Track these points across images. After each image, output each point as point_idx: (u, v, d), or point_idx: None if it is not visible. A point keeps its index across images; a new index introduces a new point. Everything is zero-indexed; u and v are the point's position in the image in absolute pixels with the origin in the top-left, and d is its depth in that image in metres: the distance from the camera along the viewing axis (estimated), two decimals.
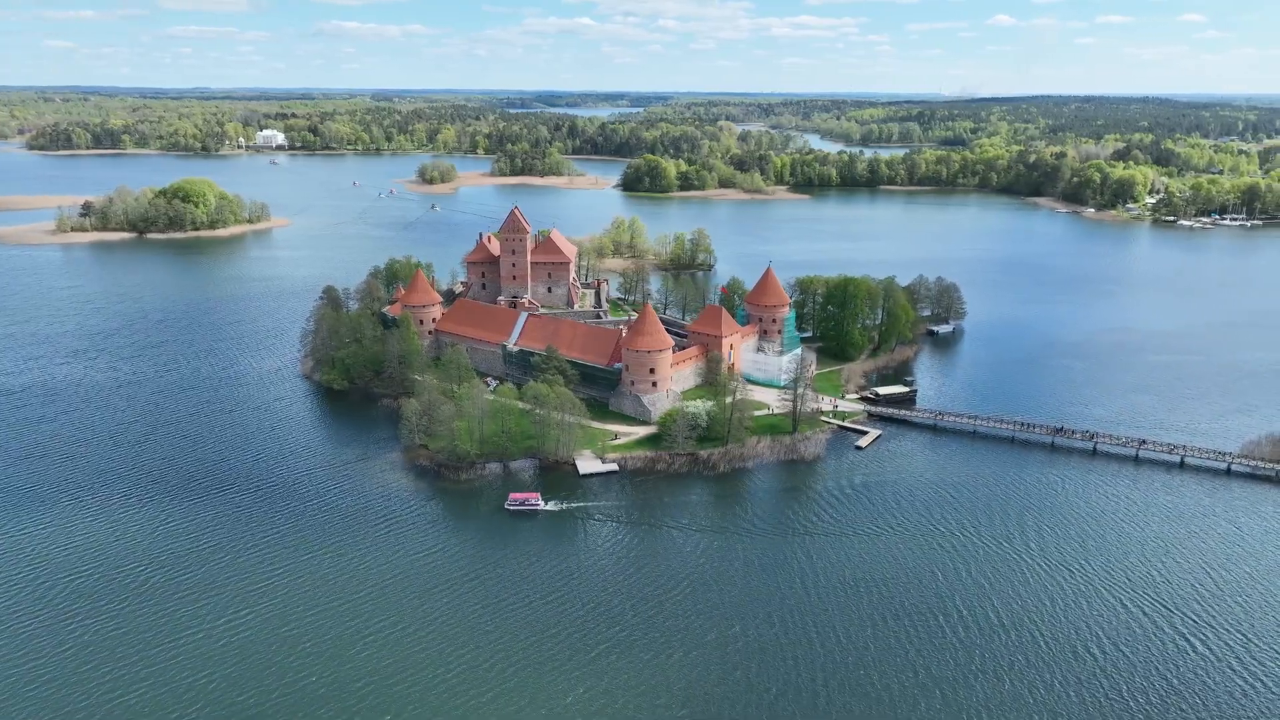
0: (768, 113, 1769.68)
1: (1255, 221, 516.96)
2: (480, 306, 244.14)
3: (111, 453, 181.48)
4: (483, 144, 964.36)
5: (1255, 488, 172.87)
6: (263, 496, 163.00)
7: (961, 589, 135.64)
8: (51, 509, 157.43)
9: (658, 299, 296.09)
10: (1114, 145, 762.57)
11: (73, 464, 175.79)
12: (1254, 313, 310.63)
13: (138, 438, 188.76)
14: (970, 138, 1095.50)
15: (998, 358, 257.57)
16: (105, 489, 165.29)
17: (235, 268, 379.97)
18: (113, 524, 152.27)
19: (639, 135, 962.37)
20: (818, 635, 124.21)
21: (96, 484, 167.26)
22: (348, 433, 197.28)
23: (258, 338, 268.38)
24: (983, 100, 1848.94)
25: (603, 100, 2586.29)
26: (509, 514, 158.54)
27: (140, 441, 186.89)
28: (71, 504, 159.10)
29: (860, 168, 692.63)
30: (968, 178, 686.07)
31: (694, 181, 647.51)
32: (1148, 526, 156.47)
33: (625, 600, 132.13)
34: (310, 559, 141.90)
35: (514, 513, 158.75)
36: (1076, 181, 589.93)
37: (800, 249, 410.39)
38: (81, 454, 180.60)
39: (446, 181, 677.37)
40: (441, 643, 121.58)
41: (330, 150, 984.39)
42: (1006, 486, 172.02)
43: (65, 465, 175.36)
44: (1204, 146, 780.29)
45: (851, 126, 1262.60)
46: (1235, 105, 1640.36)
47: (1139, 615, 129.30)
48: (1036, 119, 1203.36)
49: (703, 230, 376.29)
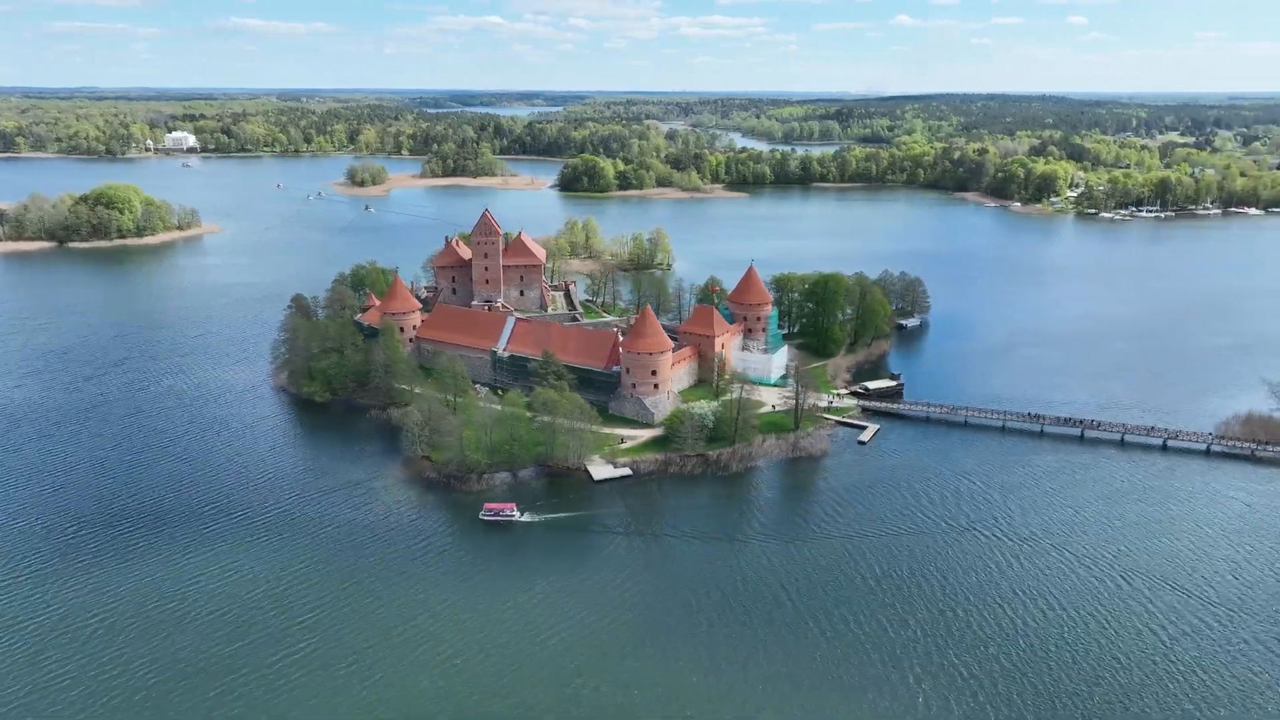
0: (687, 111, 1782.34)
1: (1169, 213, 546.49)
2: (463, 311, 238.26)
3: (99, 483, 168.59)
4: (407, 145, 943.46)
5: (1237, 467, 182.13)
6: (277, 526, 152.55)
7: (1007, 581, 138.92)
8: (52, 553, 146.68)
9: (630, 300, 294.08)
10: (1029, 142, 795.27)
11: (63, 496, 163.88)
12: (1192, 299, 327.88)
13: (124, 466, 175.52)
14: (888, 135, 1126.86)
15: (967, 349, 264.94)
16: (101, 528, 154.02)
17: (177, 277, 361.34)
18: (113, 570, 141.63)
19: (567, 135, 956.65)
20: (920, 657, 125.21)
21: (92, 521, 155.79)
22: (341, 448, 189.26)
23: (223, 350, 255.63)
24: (893, 98, 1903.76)
25: (518, 100, 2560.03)
26: (484, 524, 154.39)
27: (128, 470, 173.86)
28: (68, 548, 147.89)
29: (793, 165, 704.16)
30: (896, 174, 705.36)
31: (632, 181, 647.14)
32: (1171, 508, 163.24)
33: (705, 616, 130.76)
34: (352, 599, 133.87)
35: (489, 523, 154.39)
36: (1001, 177, 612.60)
37: (754, 247, 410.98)
38: (70, 484, 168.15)
39: (378, 184, 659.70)
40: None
41: (246, 152, 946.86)
42: (1010, 475, 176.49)
43: (57, 499, 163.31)
44: (1110, 142, 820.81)
45: (773, 125, 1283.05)
46: (1123, 103, 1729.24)
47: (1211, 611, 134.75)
48: (949, 116, 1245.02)
49: (661, 229, 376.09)
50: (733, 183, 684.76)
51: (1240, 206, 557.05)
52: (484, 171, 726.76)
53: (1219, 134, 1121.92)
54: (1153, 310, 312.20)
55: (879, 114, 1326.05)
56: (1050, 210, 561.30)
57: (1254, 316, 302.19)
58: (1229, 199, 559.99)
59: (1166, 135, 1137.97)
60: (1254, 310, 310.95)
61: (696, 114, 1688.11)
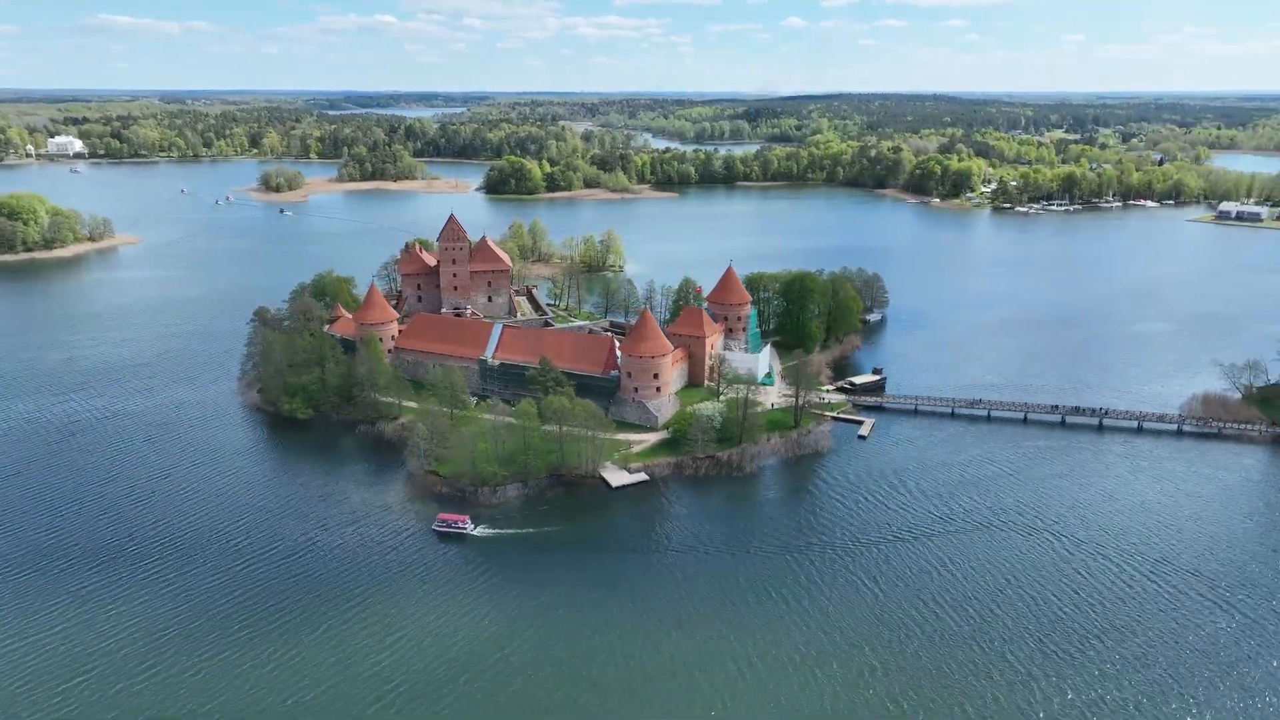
0: (593, 112, 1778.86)
1: (1076, 206, 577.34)
2: (444, 320, 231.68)
3: (85, 520, 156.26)
4: (316, 148, 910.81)
5: (1211, 445, 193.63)
6: (298, 557, 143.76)
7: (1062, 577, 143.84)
8: (42, 590, 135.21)
9: (597, 303, 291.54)
10: (937, 140, 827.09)
11: (52, 536, 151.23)
12: (1122, 287, 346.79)
13: (110, 500, 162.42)
14: (797, 134, 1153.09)
15: (930, 341, 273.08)
16: (100, 565, 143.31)
17: (106, 293, 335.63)
18: (118, 611, 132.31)
19: (483, 136, 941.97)
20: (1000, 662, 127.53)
21: (94, 556, 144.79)
22: (337, 468, 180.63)
23: (182, 369, 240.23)
24: (791, 98, 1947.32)
25: (417, 101, 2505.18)
26: (436, 535, 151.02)
27: (115, 505, 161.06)
28: (67, 580, 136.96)
29: (717, 165, 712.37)
30: (816, 173, 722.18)
31: (560, 182, 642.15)
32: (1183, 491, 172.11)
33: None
34: (409, 629, 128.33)
35: (442, 534, 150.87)
36: (919, 174, 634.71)
37: (701, 247, 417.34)
38: (59, 524, 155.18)
39: (294, 189, 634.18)
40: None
41: (140, 158, 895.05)
42: (1009, 464, 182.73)
43: (45, 538, 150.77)
44: (1011, 140, 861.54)
45: (685, 125, 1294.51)
46: (1005, 102, 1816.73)
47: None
48: (853, 115, 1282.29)
49: (612, 231, 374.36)
50: (658, 183, 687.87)
51: (1138, 199, 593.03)
52: (404, 175, 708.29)
53: (1100, 131, 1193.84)
54: (1091, 299, 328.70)
55: (786, 113, 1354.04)
56: (968, 205, 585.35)
57: (1181, 301, 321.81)
58: (1127, 192, 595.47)
59: (1053, 132, 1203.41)
60: (1179, 296, 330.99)
61: (603, 114, 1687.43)
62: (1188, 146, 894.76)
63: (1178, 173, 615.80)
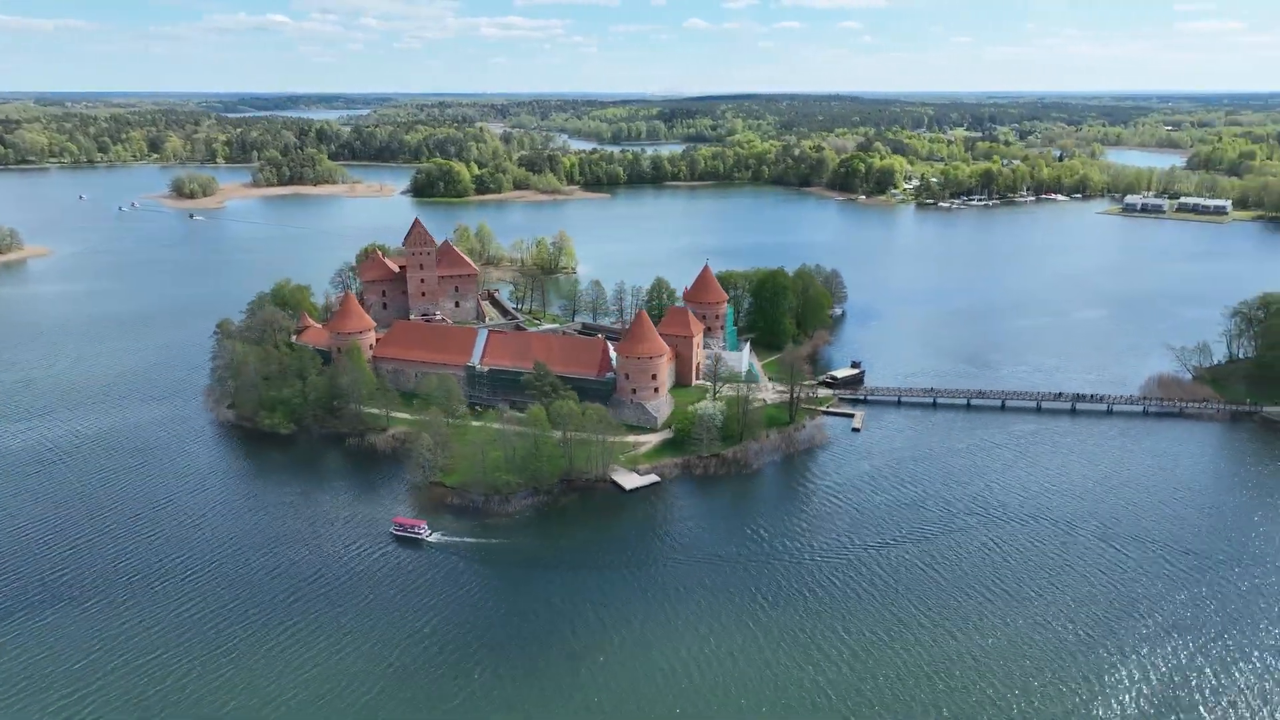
0: (503, 113, 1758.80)
1: (994, 201, 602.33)
2: (425, 327, 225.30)
3: (76, 554, 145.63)
4: (223, 152, 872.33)
5: (1176, 424, 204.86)
6: (326, 589, 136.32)
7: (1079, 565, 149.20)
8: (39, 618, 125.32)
9: (565, 306, 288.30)
10: (854, 139, 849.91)
11: (53, 572, 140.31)
12: (1056, 276, 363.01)
13: (102, 533, 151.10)
14: (712, 134, 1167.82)
15: (891, 334, 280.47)
16: (99, 600, 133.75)
17: (33, 310, 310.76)
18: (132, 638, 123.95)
19: (400, 139, 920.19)
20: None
21: (94, 591, 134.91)
22: (331, 483, 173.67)
23: (146, 388, 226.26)
24: (699, 98, 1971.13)
25: (316, 102, 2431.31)
26: (394, 538, 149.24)
27: (107, 537, 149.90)
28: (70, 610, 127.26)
29: (645, 165, 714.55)
30: (742, 171, 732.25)
31: (490, 184, 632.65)
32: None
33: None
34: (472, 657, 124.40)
35: (399, 539, 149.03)
36: (843, 172, 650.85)
37: (648, 247, 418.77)
38: (45, 555, 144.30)
39: (209, 195, 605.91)
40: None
41: (27, 164, 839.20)
42: (1000, 451, 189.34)
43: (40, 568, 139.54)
44: (922, 138, 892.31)
45: (601, 126, 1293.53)
46: (908, 102, 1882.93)
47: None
48: (765, 115, 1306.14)
49: (564, 232, 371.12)
50: (588, 183, 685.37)
51: (1048, 193, 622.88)
52: (324, 179, 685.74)
53: (997, 129, 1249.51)
54: (1029, 288, 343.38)
55: (700, 114, 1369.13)
56: (894, 201, 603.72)
57: (1111, 289, 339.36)
58: (1039, 187, 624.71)
59: (956, 130, 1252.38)
60: (1109, 284, 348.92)
61: (514, 116, 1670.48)
62: (1083, 143, 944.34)
63: (1083, 168, 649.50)
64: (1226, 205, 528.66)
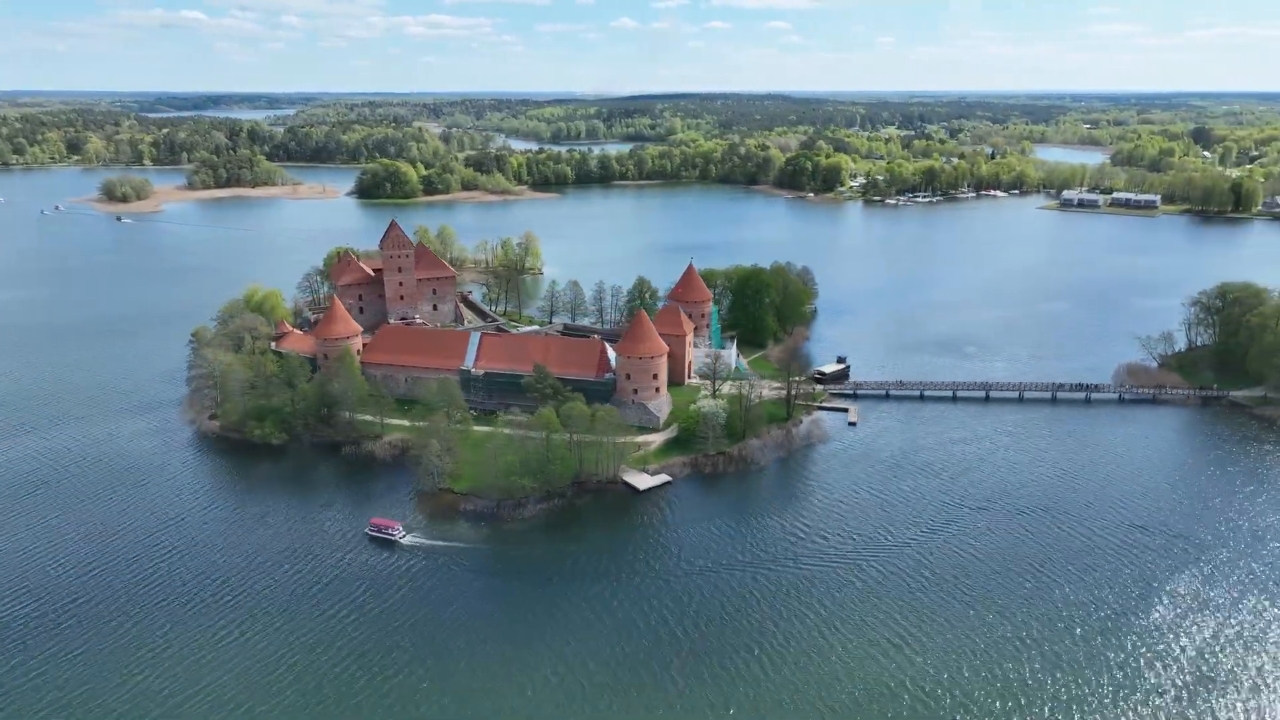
0: (436, 113, 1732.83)
1: (937, 197, 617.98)
2: (414, 330, 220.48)
3: (78, 584, 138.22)
4: (150, 154, 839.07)
5: (1152, 410, 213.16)
6: (346, 601, 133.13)
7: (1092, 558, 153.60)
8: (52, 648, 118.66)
9: (542, 307, 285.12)
10: (796, 138, 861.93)
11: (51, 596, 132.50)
12: (1011, 271, 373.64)
13: (109, 558, 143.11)
14: (651, 133, 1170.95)
15: (864, 328, 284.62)
16: (109, 629, 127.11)
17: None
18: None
19: (337, 139, 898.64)
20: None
21: (103, 619, 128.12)
22: (335, 493, 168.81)
23: (123, 400, 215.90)
24: (632, 98, 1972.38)
25: (238, 102, 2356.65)
26: (367, 539, 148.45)
27: (114, 563, 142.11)
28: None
29: (592, 165, 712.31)
30: (689, 170, 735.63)
31: (437, 185, 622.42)
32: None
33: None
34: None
35: (373, 539, 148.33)
36: (791, 170, 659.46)
37: (610, 246, 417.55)
38: (47, 586, 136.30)
39: (143, 198, 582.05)
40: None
41: None
42: (996, 439, 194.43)
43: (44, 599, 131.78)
44: (861, 137, 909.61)
45: (540, 126, 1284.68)
46: (839, 101, 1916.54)
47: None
48: (703, 115, 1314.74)
49: (530, 233, 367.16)
50: (536, 183, 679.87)
51: (988, 189, 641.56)
52: (264, 181, 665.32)
53: (928, 127, 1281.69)
54: (986, 280, 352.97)
55: (638, 113, 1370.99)
56: (841, 198, 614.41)
57: (1066, 281, 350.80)
58: (979, 183, 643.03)
59: (889, 129, 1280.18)
60: (1063, 276, 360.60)
61: (448, 115, 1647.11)
62: (1012, 140, 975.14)
63: (1020, 165, 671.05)
64: (1156, 200, 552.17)
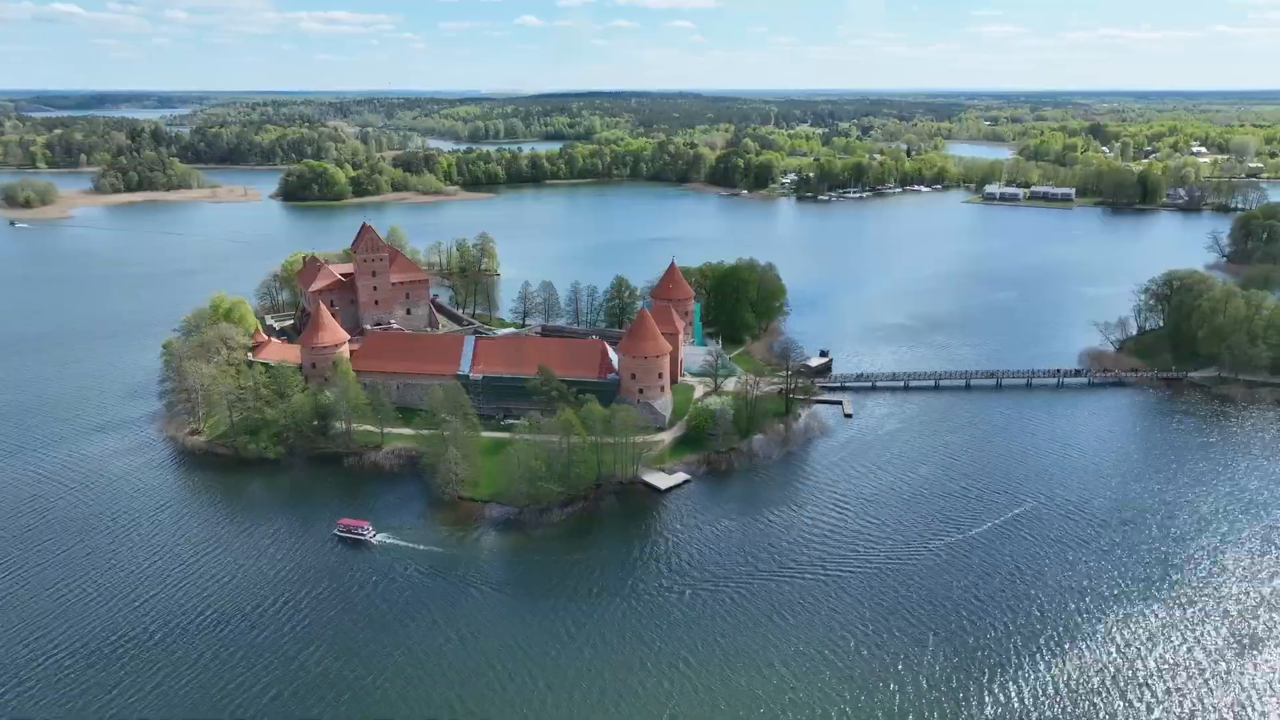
0: (344, 112, 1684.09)
1: (866, 193, 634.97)
2: (403, 336, 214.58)
3: (94, 621, 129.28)
4: (44, 156, 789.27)
5: (1119, 392, 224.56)
6: (389, 628, 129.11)
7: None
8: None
9: (516, 309, 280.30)
10: (721, 136, 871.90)
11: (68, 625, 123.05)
12: (956, 262, 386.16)
13: (114, 594, 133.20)
14: (571, 132, 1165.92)
15: (834, 321, 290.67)
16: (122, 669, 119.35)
17: None
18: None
19: (249, 140, 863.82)
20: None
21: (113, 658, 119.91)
22: (347, 506, 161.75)
23: (96, 417, 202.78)
24: (540, 96, 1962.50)
25: (123, 101, 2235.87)
26: (339, 540, 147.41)
27: (121, 598, 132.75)
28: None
29: (523, 164, 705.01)
30: (620, 169, 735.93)
31: (367, 186, 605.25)
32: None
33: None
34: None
35: (342, 539, 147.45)
36: (723, 168, 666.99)
37: (560, 246, 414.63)
38: (53, 618, 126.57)
39: (48, 203, 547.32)
40: None
41: None
42: (989, 425, 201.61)
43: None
44: (783, 134, 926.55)
45: (458, 125, 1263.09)
46: (751, 99, 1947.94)
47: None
48: (621, 114, 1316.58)
49: (487, 235, 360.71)
50: (468, 183, 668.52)
51: (912, 185, 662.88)
52: (179, 184, 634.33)
53: (839, 124, 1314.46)
54: (934, 274, 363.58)
55: (555, 112, 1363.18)
56: (774, 195, 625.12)
57: (1009, 271, 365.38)
58: (904, 179, 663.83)
59: (802, 126, 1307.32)
60: (1004, 266, 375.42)
61: (357, 114, 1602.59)
62: (925, 137, 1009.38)
63: (941, 161, 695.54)
64: (1071, 193, 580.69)
